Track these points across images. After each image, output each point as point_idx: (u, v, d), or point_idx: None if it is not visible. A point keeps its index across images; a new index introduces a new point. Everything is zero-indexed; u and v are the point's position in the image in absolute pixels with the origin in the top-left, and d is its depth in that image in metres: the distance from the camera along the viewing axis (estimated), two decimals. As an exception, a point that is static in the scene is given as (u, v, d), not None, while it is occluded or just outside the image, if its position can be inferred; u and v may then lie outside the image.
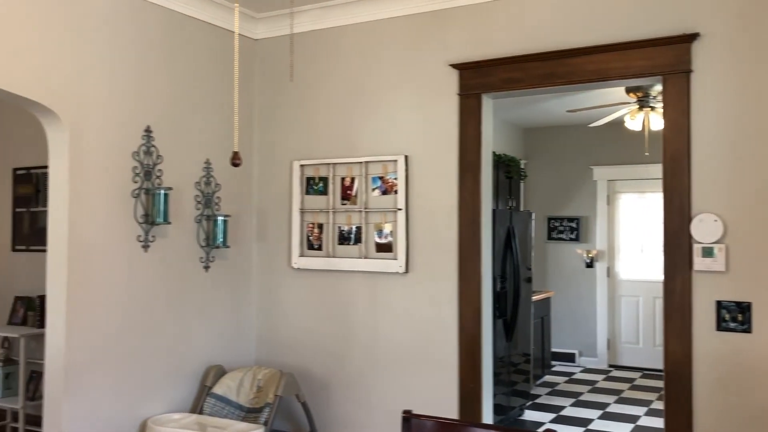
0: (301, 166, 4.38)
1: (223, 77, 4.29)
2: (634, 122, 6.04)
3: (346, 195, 4.23)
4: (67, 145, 3.39)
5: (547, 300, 7.47)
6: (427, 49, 3.97)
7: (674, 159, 3.34)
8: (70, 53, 3.39)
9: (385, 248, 4.07)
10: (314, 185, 4.35)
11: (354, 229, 4.19)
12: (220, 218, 4.14)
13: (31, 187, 5.31)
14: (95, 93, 3.52)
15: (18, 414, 4.90)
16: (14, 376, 4.99)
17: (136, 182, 3.72)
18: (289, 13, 4.20)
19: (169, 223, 3.80)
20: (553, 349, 7.93)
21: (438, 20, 3.94)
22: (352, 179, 4.21)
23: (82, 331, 3.44)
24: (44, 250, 5.16)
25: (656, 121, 5.93)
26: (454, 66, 3.85)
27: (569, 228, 8.27)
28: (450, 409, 3.78)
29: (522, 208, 7.43)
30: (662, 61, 3.36)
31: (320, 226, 4.32)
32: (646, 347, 7.93)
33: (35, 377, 4.95)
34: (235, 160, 1.92)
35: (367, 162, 4.15)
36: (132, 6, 3.71)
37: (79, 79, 3.45)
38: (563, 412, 6.06)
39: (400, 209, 4.01)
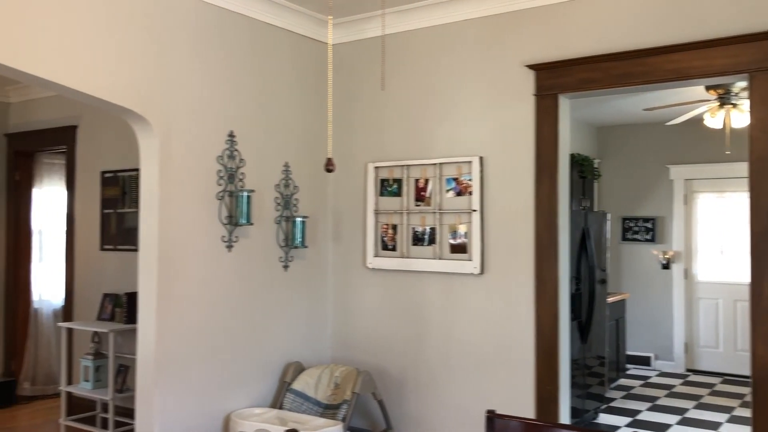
0: (375, 168, 4.45)
1: (301, 82, 4.41)
2: (714, 120, 5.85)
3: (420, 196, 4.28)
4: (157, 151, 3.56)
5: (621, 302, 7.33)
6: (502, 50, 3.98)
7: (761, 159, 3.24)
8: (159, 63, 3.56)
9: (459, 249, 4.10)
10: (388, 187, 4.42)
11: (428, 230, 4.24)
12: (298, 219, 4.26)
13: (117, 189, 5.58)
14: (183, 100, 3.69)
15: (107, 405, 5.16)
16: (104, 369, 5.26)
17: (220, 185, 3.87)
18: (381, 15, 4.28)
19: (251, 224, 3.94)
20: (628, 352, 7.76)
21: (513, 21, 3.94)
22: (426, 181, 4.25)
23: (170, 327, 3.60)
24: (130, 250, 5.44)
25: (738, 119, 5.73)
26: (531, 67, 3.84)
27: (644, 228, 8.08)
28: (526, 411, 3.78)
29: (596, 209, 7.30)
30: (748, 58, 3.27)
31: (394, 227, 4.38)
32: (726, 351, 7.67)
33: (123, 370, 5.19)
34: (329, 166, 1.99)
35: (441, 163, 4.19)
36: (217, 16, 3.86)
37: (168, 88, 3.62)
38: (639, 416, 5.94)
39: (474, 210, 4.03)
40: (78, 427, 5.34)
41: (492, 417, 2.20)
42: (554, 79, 3.78)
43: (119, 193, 5.56)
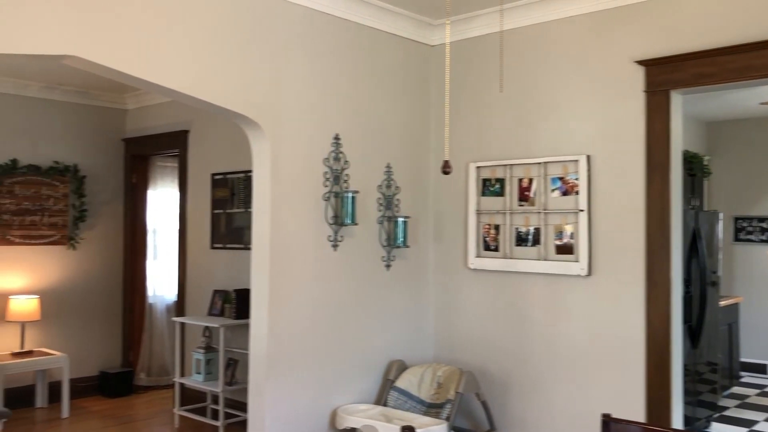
0: (477, 168, 4.44)
1: (403, 85, 4.47)
2: (840, 113, 5.47)
3: (524, 196, 4.24)
4: (268, 154, 3.71)
5: (735, 306, 6.96)
6: (610, 46, 3.88)
7: None
8: (270, 70, 3.71)
9: (565, 250, 4.03)
10: (490, 187, 4.40)
11: (532, 230, 4.19)
12: (400, 219, 4.32)
13: (227, 190, 5.83)
14: (292, 105, 3.82)
15: (217, 396, 5.40)
16: (214, 362, 5.50)
17: (326, 186, 3.98)
18: (500, 11, 4.27)
19: (356, 224, 4.03)
20: (742, 359, 7.36)
21: (621, 16, 3.84)
22: (530, 180, 4.21)
23: (280, 323, 3.74)
24: (239, 248, 5.66)
25: None
26: (640, 62, 3.72)
27: (760, 228, 7.64)
28: (636, 416, 3.67)
29: (706, 208, 6.98)
30: None
31: (496, 228, 4.36)
32: None
33: (232, 364, 5.42)
34: (446, 169, 2.02)
35: (546, 162, 4.13)
36: (324, 22, 3.97)
37: (277, 93, 3.75)
38: (756, 427, 5.63)
39: (581, 210, 3.95)
40: (190, 417, 5.62)
41: (608, 421, 2.16)
42: (666, 75, 3.65)
43: (228, 194, 5.80)
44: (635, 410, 3.70)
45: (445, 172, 2.04)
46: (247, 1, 3.61)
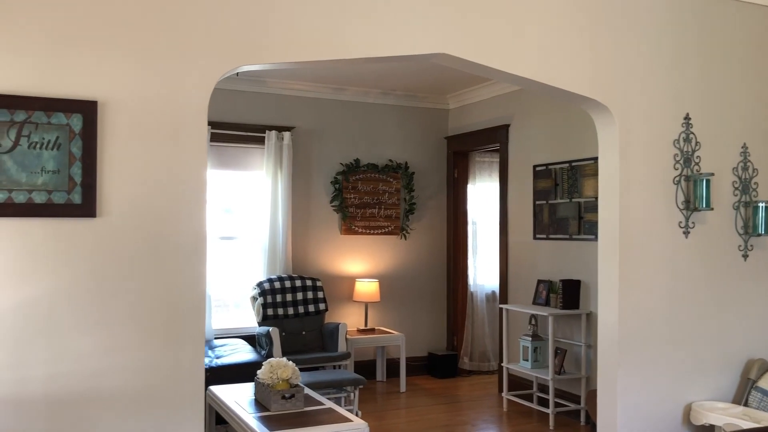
0: None
1: (756, 56, 4.06)
2: None
3: None
4: (616, 138, 3.65)
5: None
6: None
7: None
8: (616, 51, 3.64)
9: None
10: None
11: None
12: (761, 204, 3.93)
13: (549, 181, 5.87)
14: (638, 86, 3.71)
15: (542, 384, 5.47)
16: (541, 350, 5.58)
17: (676, 169, 3.79)
18: None
19: (711, 208, 3.77)
20: None
21: None
22: None
23: (630, 311, 3.65)
24: (563, 239, 5.66)
25: None
26: None
27: None
28: None
29: None
30: None
31: None
32: None
33: (560, 353, 5.44)
34: None
35: None
36: (670, -3, 3.80)
37: (625, 75, 3.67)
38: None
39: None
40: (518, 402, 5.77)
41: None
42: None
43: (551, 185, 5.84)
44: None
45: None
46: (595, -15, 3.60)
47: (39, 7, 2.61)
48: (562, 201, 5.73)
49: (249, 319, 6.26)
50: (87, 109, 2.64)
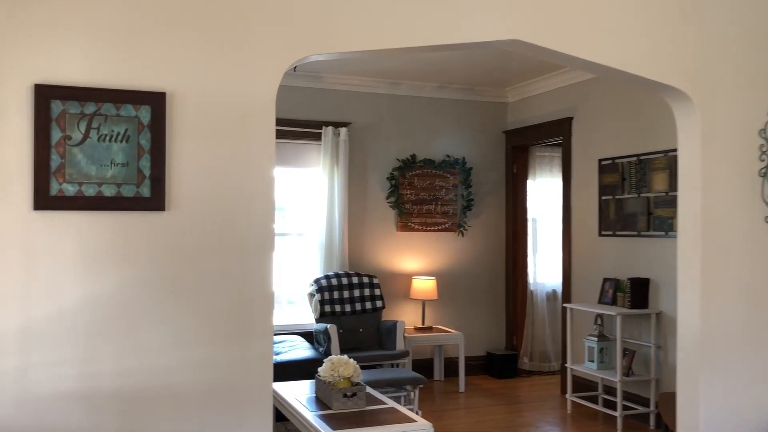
0: None
1: None
2: None
3: None
4: (698, 128, 3.44)
5: None
6: None
7: None
8: (697, 37, 3.43)
9: None
10: None
11: None
12: None
13: (616, 176, 5.65)
14: (721, 73, 3.49)
15: (608, 386, 5.27)
16: (607, 351, 5.38)
17: (762, 161, 3.56)
18: None
19: (802, 203, 3.53)
20: None
21: None
22: None
23: (713, 311, 3.44)
24: (630, 235, 5.44)
25: None
26: None
27: None
28: None
29: None
30: None
31: None
32: None
33: (627, 354, 5.24)
34: None
35: None
36: (757, -22, 3.57)
37: (707, 61, 3.46)
38: None
39: None
40: (583, 404, 5.58)
41: None
42: None
43: (618, 180, 5.62)
44: None
45: None
46: (676, -33, 3.40)
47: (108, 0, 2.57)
48: (629, 196, 5.51)
49: (303, 316, 6.23)
50: (155, 101, 2.59)
